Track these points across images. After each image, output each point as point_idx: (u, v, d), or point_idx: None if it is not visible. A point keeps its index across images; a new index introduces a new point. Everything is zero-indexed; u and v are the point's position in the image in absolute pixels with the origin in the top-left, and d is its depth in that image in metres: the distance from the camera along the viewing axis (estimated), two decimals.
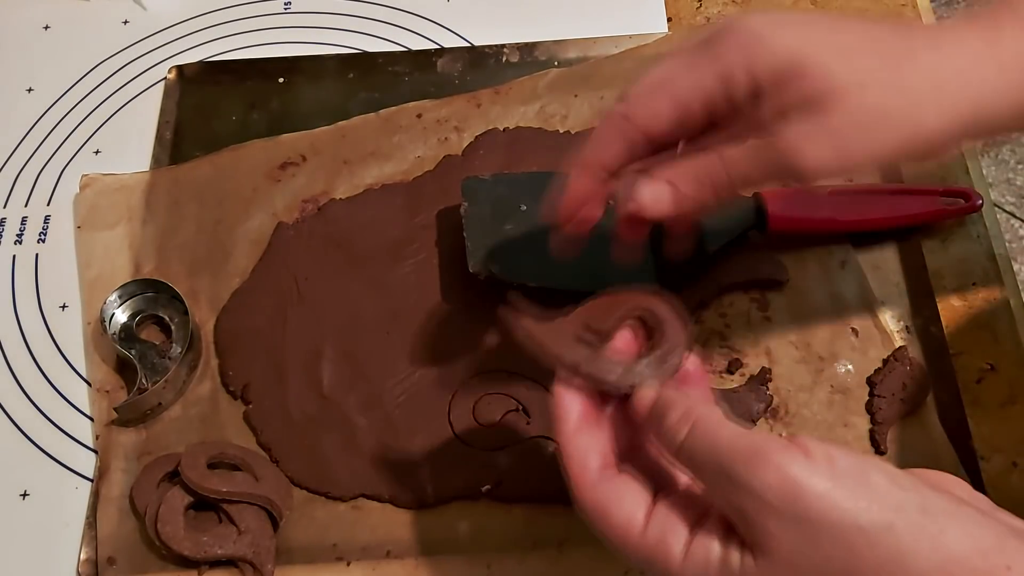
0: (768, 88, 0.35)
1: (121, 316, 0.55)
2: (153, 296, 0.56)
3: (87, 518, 0.51)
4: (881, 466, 0.31)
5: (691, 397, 0.35)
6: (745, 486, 0.31)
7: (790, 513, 0.30)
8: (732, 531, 0.32)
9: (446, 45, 0.66)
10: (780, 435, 0.32)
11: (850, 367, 0.52)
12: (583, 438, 0.36)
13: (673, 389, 0.36)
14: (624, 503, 0.34)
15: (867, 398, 0.51)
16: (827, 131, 0.34)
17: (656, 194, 0.37)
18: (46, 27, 0.70)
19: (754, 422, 0.51)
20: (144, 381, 0.53)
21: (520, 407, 0.51)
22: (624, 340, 0.38)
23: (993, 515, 0.32)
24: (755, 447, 0.31)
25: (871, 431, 0.50)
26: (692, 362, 0.38)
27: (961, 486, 0.34)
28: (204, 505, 0.49)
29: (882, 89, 0.35)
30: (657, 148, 0.39)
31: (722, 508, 0.33)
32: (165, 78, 0.66)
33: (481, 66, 0.65)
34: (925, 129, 0.35)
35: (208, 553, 0.47)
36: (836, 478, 0.30)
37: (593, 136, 0.39)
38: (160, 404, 0.53)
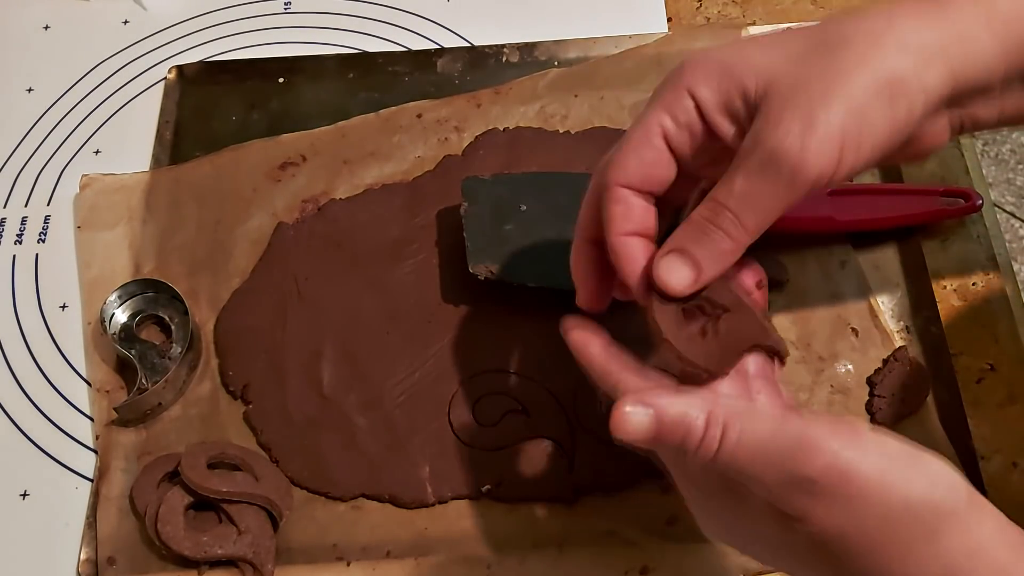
0: (746, 108, 0.35)
1: (121, 316, 0.55)
2: (153, 296, 0.56)
3: (87, 518, 0.51)
4: (931, 454, 0.32)
5: (717, 399, 0.34)
6: (796, 478, 0.31)
7: (842, 495, 0.31)
8: None
9: (446, 45, 0.66)
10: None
11: (850, 367, 0.52)
12: None
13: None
14: None
15: (867, 398, 0.51)
16: (797, 113, 0.33)
17: (676, 274, 0.35)
18: (46, 27, 0.70)
19: None
20: (144, 381, 0.53)
21: (520, 407, 0.51)
22: None
23: None
24: (800, 439, 0.32)
25: None
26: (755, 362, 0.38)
27: None
28: (204, 505, 0.49)
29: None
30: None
31: (767, 497, 0.33)
32: (165, 78, 0.66)
33: (481, 66, 0.65)
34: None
35: (208, 553, 0.47)
36: (888, 459, 0.31)
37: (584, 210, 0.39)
38: (160, 404, 0.53)
